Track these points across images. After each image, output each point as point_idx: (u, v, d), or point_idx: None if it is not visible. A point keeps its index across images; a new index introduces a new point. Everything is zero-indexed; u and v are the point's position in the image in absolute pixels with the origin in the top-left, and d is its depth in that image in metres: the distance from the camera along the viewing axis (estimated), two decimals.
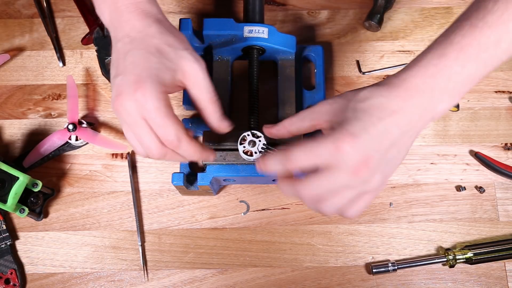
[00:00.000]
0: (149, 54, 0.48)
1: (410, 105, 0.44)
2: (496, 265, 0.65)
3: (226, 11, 0.76)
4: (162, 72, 0.47)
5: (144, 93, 0.45)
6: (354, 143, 0.42)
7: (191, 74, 0.49)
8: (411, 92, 0.44)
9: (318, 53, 0.69)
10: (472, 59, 0.44)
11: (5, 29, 0.75)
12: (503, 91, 0.72)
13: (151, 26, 0.49)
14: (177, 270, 0.65)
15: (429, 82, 0.44)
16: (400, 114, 0.44)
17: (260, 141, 0.56)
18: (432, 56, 0.44)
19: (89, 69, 0.73)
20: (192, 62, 0.49)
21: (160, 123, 0.46)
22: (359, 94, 0.45)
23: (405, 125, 0.44)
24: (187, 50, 0.50)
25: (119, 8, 0.50)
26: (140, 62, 0.47)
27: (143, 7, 0.50)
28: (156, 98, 0.46)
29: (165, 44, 0.49)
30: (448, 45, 0.44)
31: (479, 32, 0.43)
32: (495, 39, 0.43)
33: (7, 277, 0.64)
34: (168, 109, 0.47)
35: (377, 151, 0.44)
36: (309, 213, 0.67)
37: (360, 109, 0.44)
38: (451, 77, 0.44)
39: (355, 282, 0.64)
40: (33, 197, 0.63)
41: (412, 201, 0.67)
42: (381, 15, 0.73)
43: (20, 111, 0.71)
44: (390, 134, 0.44)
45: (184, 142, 0.48)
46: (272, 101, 0.70)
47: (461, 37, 0.44)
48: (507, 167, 0.67)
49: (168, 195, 0.68)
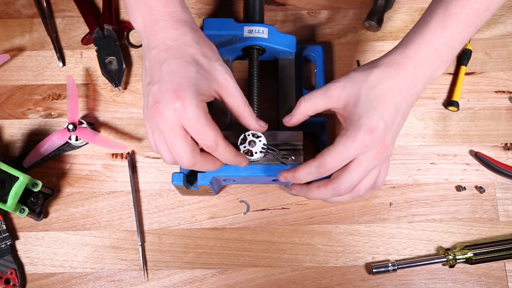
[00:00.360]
0: (187, 63, 0.48)
1: (416, 79, 0.50)
2: (496, 265, 0.65)
3: (226, 11, 0.77)
4: (200, 82, 0.48)
5: (183, 102, 0.46)
6: (375, 136, 0.48)
7: (224, 85, 0.50)
8: (417, 67, 0.49)
9: (318, 53, 0.69)
10: (468, 27, 0.49)
11: (5, 29, 0.75)
12: (503, 91, 0.72)
13: (187, 35, 0.50)
14: (177, 270, 0.65)
15: (433, 55, 0.49)
16: (408, 91, 0.49)
17: (260, 141, 0.56)
18: (434, 30, 0.49)
19: (89, 69, 0.73)
20: (225, 74, 0.50)
21: (200, 130, 0.48)
22: (370, 79, 0.49)
23: (412, 97, 0.50)
24: (219, 61, 0.51)
25: (154, 16, 0.50)
26: (178, 70, 0.48)
27: (178, 15, 0.51)
28: (196, 107, 0.47)
29: (200, 54, 0.50)
30: (448, 17, 0.48)
31: (474, 1, 0.48)
32: (487, 4, 0.48)
33: (7, 277, 0.64)
34: (207, 116, 0.48)
35: (391, 130, 0.50)
36: (309, 213, 0.67)
37: (374, 96, 0.49)
38: (451, 47, 0.49)
39: (355, 282, 0.64)
40: (33, 197, 0.63)
41: (412, 201, 0.67)
42: (381, 15, 0.73)
43: (20, 111, 0.71)
44: (401, 111, 0.50)
45: (221, 147, 0.50)
46: (272, 101, 0.70)
47: (459, 8, 0.48)
48: (507, 167, 0.67)
49: (168, 195, 0.68)
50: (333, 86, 0.51)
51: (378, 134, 0.48)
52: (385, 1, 0.73)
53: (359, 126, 0.48)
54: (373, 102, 0.48)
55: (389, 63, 0.50)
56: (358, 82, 0.50)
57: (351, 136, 0.48)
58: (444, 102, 0.72)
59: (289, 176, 0.54)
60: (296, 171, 0.52)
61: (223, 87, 0.50)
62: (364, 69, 0.51)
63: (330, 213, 0.67)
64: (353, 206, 0.67)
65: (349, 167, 0.50)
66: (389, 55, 0.51)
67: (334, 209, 0.67)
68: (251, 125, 0.54)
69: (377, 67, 0.50)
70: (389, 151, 0.51)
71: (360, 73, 0.50)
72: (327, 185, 0.52)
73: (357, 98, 0.49)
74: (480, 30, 0.75)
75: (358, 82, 0.50)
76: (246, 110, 0.52)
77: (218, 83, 0.50)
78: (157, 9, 0.50)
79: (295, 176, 0.53)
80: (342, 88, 0.51)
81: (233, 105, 0.52)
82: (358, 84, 0.50)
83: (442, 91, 0.72)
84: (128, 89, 0.72)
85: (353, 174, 0.50)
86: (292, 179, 0.54)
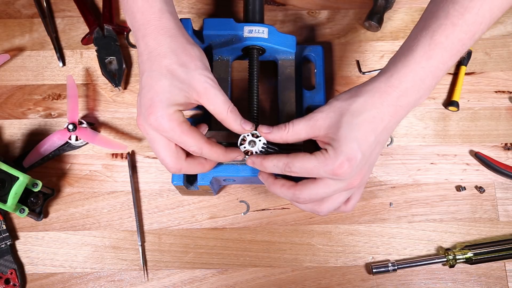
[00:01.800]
0: (160, 76, 0.49)
1: (401, 109, 0.49)
2: (496, 265, 0.65)
3: (226, 11, 0.77)
4: (174, 94, 0.49)
5: (156, 117, 0.48)
6: (351, 166, 0.47)
7: (203, 93, 0.50)
8: (402, 97, 0.48)
9: (318, 53, 0.69)
10: (453, 56, 0.48)
11: (5, 29, 0.75)
12: (503, 91, 0.72)
13: (163, 44, 0.50)
14: (177, 270, 0.65)
15: (419, 84, 0.48)
16: (391, 121, 0.49)
17: (260, 141, 0.56)
18: (420, 59, 0.48)
19: (89, 69, 0.73)
20: (203, 82, 0.50)
21: (178, 140, 0.50)
22: (352, 108, 0.49)
23: (393, 126, 0.50)
24: (197, 69, 0.50)
25: (136, 23, 0.51)
26: (152, 84, 0.49)
27: (155, 23, 0.50)
28: (168, 120, 0.48)
29: (177, 64, 0.49)
30: (434, 46, 0.47)
31: (459, 30, 0.47)
32: (472, 33, 0.47)
33: (7, 277, 0.64)
34: (182, 126, 0.49)
35: (368, 162, 0.50)
36: (309, 213, 0.67)
37: (355, 124, 0.48)
38: (435, 76, 0.48)
39: (355, 282, 0.64)
40: (33, 197, 0.63)
41: (412, 201, 0.67)
42: (381, 15, 0.73)
43: (20, 111, 0.71)
44: (380, 142, 0.49)
45: (205, 150, 0.51)
46: (272, 101, 0.70)
47: (445, 37, 0.47)
48: (507, 167, 0.67)
49: (168, 195, 0.68)
50: (316, 116, 0.50)
51: (354, 165, 0.47)
52: (385, 1, 0.73)
53: (338, 154, 0.47)
54: (355, 132, 0.48)
55: (373, 91, 0.49)
56: (341, 111, 0.49)
57: (327, 159, 0.48)
58: (444, 102, 0.72)
59: (257, 162, 0.53)
60: (264, 159, 0.52)
61: (203, 95, 0.50)
62: (347, 98, 0.50)
63: (330, 213, 0.67)
64: None
65: (316, 182, 0.50)
66: (373, 82, 0.50)
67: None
68: (235, 129, 0.54)
69: (361, 96, 0.49)
70: (364, 180, 0.51)
71: (342, 102, 0.49)
72: (289, 188, 0.52)
73: (338, 127, 0.48)
74: None
75: (341, 111, 0.49)
76: (228, 115, 0.52)
77: (197, 92, 0.50)
78: (138, 15, 0.50)
79: (262, 164, 0.53)
80: (324, 118, 0.50)
81: (215, 112, 0.52)
82: (340, 113, 0.49)
83: (442, 91, 0.72)
84: (128, 89, 0.72)
85: (317, 191, 0.50)
86: (259, 165, 0.53)
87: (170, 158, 0.51)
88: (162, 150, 0.51)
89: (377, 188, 0.68)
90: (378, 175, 0.68)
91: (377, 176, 0.68)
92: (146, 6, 0.50)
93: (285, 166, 0.50)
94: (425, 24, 0.49)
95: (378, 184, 0.68)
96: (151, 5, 0.50)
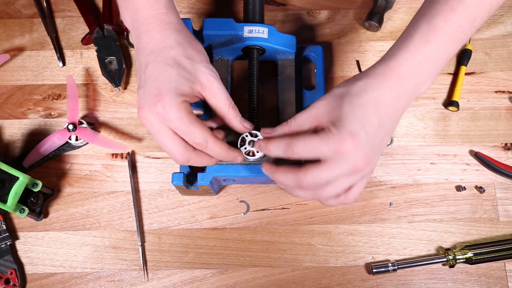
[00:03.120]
0: (167, 66, 0.49)
1: (401, 93, 0.48)
2: (496, 265, 0.65)
3: (226, 11, 0.77)
4: (181, 84, 0.49)
5: (164, 106, 0.48)
6: (354, 144, 0.46)
7: (208, 86, 0.51)
8: (401, 81, 0.48)
9: (318, 53, 0.69)
10: (453, 41, 0.48)
11: (5, 29, 0.75)
12: (503, 91, 0.72)
13: (170, 37, 0.51)
14: (177, 270, 0.65)
15: (417, 69, 0.48)
16: (392, 105, 0.48)
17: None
18: (418, 43, 0.48)
19: (89, 69, 0.73)
20: (208, 75, 0.51)
21: (185, 130, 0.49)
22: (354, 88, 0.48)
23: (396, 113, 0.49)
24: (203, 62, 0.51)
25: (140, 18, 0.51)
26: (159, 74, 0.49)
27: (161, 17, 0.51)
28: (177, 108, 0.48)
29: (183, 56, 0.50)
30: (433, 31, 0.47)
31: (459, 15, 0.47)
32: (471, 19, 0.47)
33: (7, 277, 0.64)
34: (190, 116, 0.49)
35: (373, 146, 0.48)
36: (309, 213, 0.67)
37: (357, 104, 0.47)
38: (436, 61, 0.48)
39: (355, 282, 0.64)
40: (33, 197, 0.63)
41: (412, 201, 0.67)
42: (381, 15, 0.73)
43: (20, 111, 0.71)
44: (384, 126, 0.48)
45: (211, 143, 0.51)
46: (272, 101, 0.70)
47: (444, 22, 0.47)
48: (507, 167, 0.67)
49: (168, 195, 0.68)
50: (317, 104, 0.50)
51: (357, 143, 0.46)
52: (385, 1, 0.73)
53: (341, 131, 0.46)
54: (356, 108, 0.47)
55: (372, 74, 0.49)
56: (341, 95, 0.49)
57: (329, 137, 0.46)
58: (444, 102, 0.72)
59: (263, 143, 0.53)
60: (269, 140, 0.52)
61: (206, 88, 0.51)
62: (347, 84, 0.50)
63: (330, 213, 0.67)
64: (353, 206, 0.67)
65: (319, 164, 0.48)
66: (372, 68, 0.50)
67: (334, 209, 0.67)
68: (235, 126, 0.54)
69: (361, 79, 0.49)
70: (369, 169, 0.49)
71: (342, 88, 0.49)
72: (293, 172, 0.50)
73: (340, 108, 0.48)
74: (480, 30, 0.75)
75: (342, 94, 0.49)
76: (230, 111, 0.52)
77: (201, 84, 0.50)
78: (143, 11, 0.51)
79: (267, 145, 0.52)
80: (325, 104, 0.49)
81: (216, 106, 0.52)
82: (341, 96, 0.48)
83: (442, 91, 0.72)
84: (128, 89, 0.72)
85: (321, 174, 0.48)
86: (264, 147, 0.53)
87: (178, 148, 0.50)
88: (169, 141, 0.49)
89: (377, 188, 0.68)
90: (378, 175, 0.68)
91: (377, 176, 0.68)
92: (152, 1, 0.51)
93: (287, 146, 0.49)
94: (425, 11, 0.49)
95: (378, 184, 0.68)
96: (157, 0, 0.51)
